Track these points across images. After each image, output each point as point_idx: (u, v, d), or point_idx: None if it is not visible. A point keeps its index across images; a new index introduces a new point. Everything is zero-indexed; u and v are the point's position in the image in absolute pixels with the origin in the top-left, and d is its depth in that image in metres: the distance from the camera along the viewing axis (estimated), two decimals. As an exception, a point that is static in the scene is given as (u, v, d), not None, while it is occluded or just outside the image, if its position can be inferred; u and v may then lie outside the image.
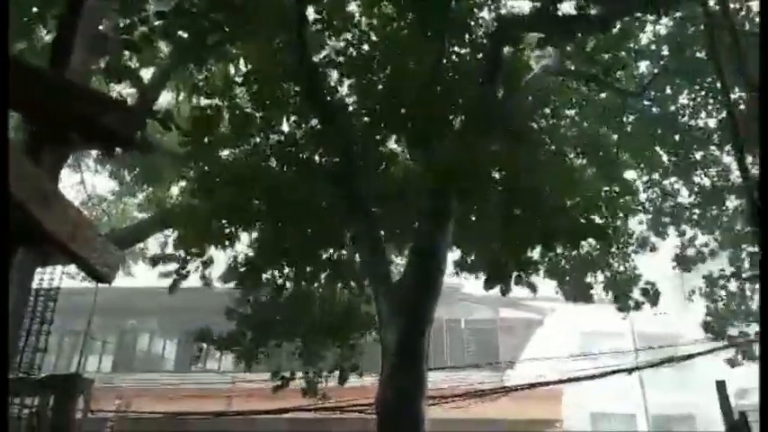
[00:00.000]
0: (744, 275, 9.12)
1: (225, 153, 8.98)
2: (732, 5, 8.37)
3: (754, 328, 9.31)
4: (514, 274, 9.35)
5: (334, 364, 10.06)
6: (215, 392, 15.28)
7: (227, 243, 8.64)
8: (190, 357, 10.12)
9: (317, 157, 8.56)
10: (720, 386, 7.15)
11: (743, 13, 8.28)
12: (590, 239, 9.46)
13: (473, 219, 9.02)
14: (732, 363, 9.90)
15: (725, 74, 5.74)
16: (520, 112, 8.48)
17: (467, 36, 7.98)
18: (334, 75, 8.50)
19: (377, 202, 8.41)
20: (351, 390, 10.40)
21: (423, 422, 6.90)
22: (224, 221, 8.57)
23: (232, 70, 9.58)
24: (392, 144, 8.98)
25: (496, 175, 8.70)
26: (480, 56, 8.35)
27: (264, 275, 9.14)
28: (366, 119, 8.24)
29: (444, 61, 8.04)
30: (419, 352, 7.20)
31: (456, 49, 8.37)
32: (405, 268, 8.81)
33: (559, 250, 9.57)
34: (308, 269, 9.28)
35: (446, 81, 8.02)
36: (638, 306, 10.06)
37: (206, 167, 8.33)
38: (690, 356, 9.81)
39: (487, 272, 9.56)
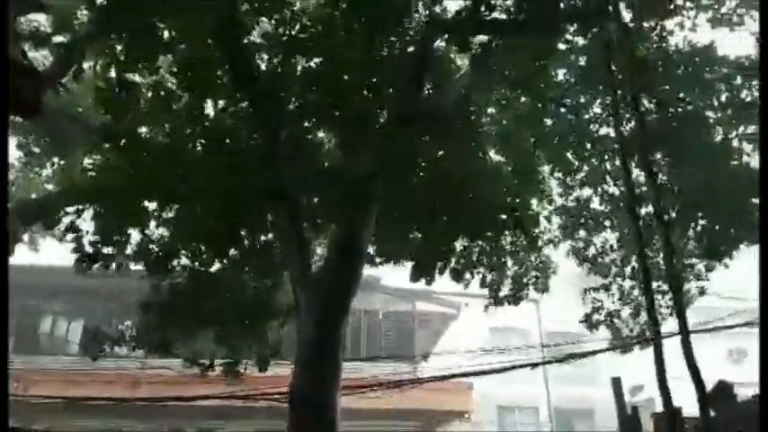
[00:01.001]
0: (634, 276, 9.73)
1: (145, 130, 8.63)
2: (648, 24, 8.93)
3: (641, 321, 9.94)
4: (439, 264, 9.61)
5: (251, 352, 9.93)
6: (122, 377, 14.73)
7: (143, 222, 8.33)
8: (93, 348, 9.68)
9: (242, 141, 8.38)
10: (616, 383, 7.61)
11: (656, 30, 8.83)
12: (508, 234, 9.88)
13: (398, 210, 9.15)
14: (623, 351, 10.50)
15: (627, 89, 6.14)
16: (446, 109, 8.66)
17: (399, 28, 8.02)
18: (265, 57, 8.34)
19: (301, 189, 8.34)
20: (265, 378, 10.31)
21: (336, 412, 6.95)
22: (141, 200, 8.25)
23: (158, 45, 9.18)
24: (320, 133, 8.95)
25: (421, 169, 8.90)
26: (412, 49, 8.44)
27: (178, 259, 8.87)
28: (294, 105, 8.13)
29: (377, 52, 8.08)
30: (335, 342, 7.24)
31: (390, 39, 8.40)
32: (325, 258, 8.82)
33: (481, 243, 9.88)
34: (225, 254, 9.08)
35: (377, 72, 8.06)
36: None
37: (123, 142, 7.96)
38: (589, 354, 10.40)
39: (414, 262, 9.76)
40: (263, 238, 9.30)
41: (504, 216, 9.21)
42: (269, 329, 9.76)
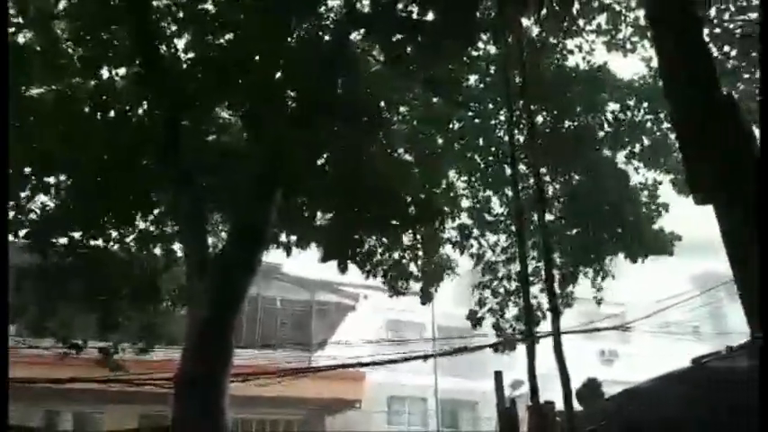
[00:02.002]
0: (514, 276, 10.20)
1: (35, 91, 7.99)
2: (552, 41, 9.44)
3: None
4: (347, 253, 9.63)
5: (136, 335, 9.51)
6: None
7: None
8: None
9: (141, 112, 7.99)
10: (497, 376, 8.03)
11: (558, 48, 9.36)
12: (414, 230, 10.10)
13: (303, 200, 9.09)
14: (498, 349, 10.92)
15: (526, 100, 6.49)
16: (358, 103, 8.70)
17: (314, 14, 7.94)
18: (173, 27, 7.98)
19: (203, 170, 8.08)
20: (151, 363, 9.93)
21: (224, 399, 6.82)
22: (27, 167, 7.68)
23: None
24: (225, 113, 8.70)
25: (330, 160, 8.90)
26: (327, 38, 8.40)
27: (63, 232, 8.33)
28: (200, 81, 7.82)
29: (292, 39, 7.97)
30: (227, 327, 7.09)
31: (304, 26, 8.31)
32: (224, 241, 8.62)
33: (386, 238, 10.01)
34: (115, 231, 8.63)
35: (289, 58, 7.95)
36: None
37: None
38: (476, 348, 10.87)
39: (323, 249, 9.73)
40: (156, 216, 8.92)
41: (409, 211, 9.40)
42: (158, 311, 9.39)
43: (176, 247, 9.21)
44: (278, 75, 7.81)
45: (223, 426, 6.70)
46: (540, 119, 9.83)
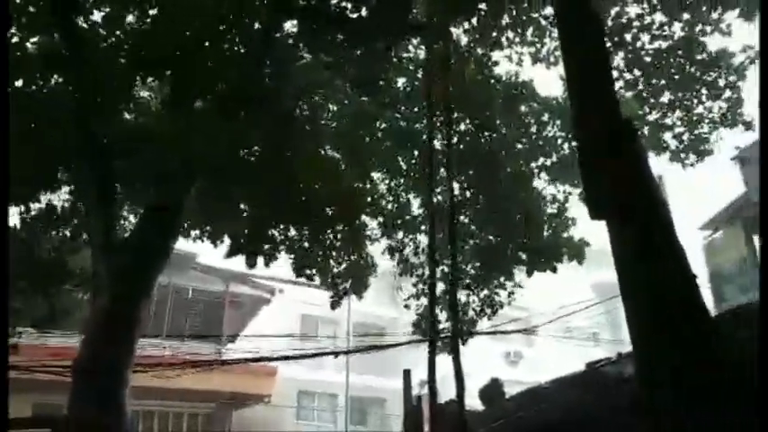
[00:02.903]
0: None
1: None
2: (480, 51, 9.73)
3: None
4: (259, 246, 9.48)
5: (34, 318, 8.99)
6: None
7: None
8: None
9: (53, 82, 7.54)
10: (406, 375, 8.22)
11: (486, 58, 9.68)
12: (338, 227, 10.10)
13: (219, 189, 8.89)
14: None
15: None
16: (285, 96, 8.63)
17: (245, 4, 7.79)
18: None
19: (118, 149, 7.72)
20: (48, 348, 9.41)
21: (125, 389, 6.58)
22: None
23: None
24: (145, 92, 8.38)
25: (252, 151, 8.76)
26: (257, 27, 8.26)
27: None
28: (121, 57, 7.49)
29: (222, 27, 7.77)
30: (132, 315, 6.85)
31: (235, 13, 8.12)
32: (134, 227, 8.30)
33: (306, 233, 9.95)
34: (16, 207, 8.10)
35: (218, 44, 7.76)
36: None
37: None
38: (389, 346, 11.05)
39: (231, 242, 9.55)
40: (64, 196, 8.46)
41: (331, 208, 9.41)
42: (60, 295, 8.91)
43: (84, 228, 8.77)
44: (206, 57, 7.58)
45: (122, 417, 6.47)
46: (462, 127, 10.15)
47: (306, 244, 10.22)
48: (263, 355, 11.30)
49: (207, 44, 7.46)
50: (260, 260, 9.81)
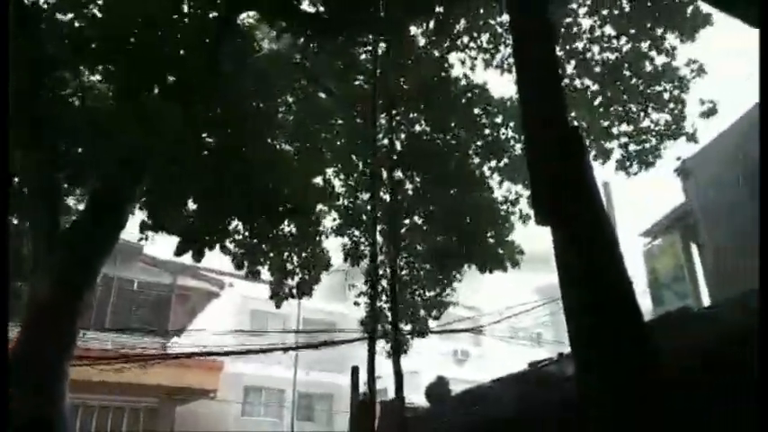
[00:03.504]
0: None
1: None
2: (436, 53, 9.84)
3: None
4: (208, 240, 9.32)
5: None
6: None
7: None
8: None
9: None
10: (354, 371, 8.28)
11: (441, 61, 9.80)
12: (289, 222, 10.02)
13: (172, 179, 8.70)
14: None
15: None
16: (241, 87, 8.52)
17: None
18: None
19: (63, 134, 7.46)
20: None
21: (64, 383, 6.39)
22: None
23: None
24: (96, 77, 8.11)
25: (203, 143, 8.60)
26: (214, 15, 8.13)
27: None
28: (68, 39, 7.22)
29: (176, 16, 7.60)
30: (72, 306, 6.64)
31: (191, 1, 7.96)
32: (79, 215, 8.04)
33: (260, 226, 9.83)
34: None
35: (173, 30, 7.59)
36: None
37: None
38: (339, 343, 11.08)
39: (181, 236, 9.36)
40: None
41: (284, 202, 9.34)
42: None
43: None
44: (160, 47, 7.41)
45: (61, 411, 6.28)
46: (417, 127, 10.25)
47: (256, 240, 10.14)
48: (210, 350, 11.13)
49: (160, 33, 7.29)
50: (210, 253, 9.67)
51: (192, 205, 9.38)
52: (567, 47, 9.70)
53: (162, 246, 11.20)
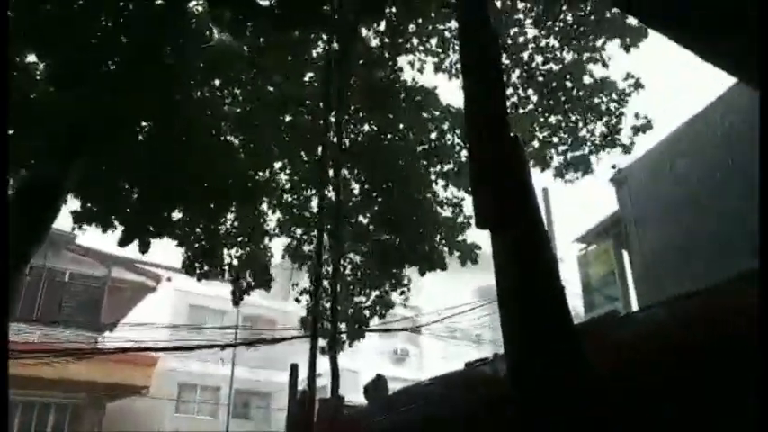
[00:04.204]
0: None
1: None
2: (386, 55, 9.90)
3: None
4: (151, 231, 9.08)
5: None
6: None
7: None
8: None
9: None
10: (293, 369, 8.23)
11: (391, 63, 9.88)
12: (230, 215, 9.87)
13: (109, 167, 8.42)
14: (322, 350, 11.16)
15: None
16: (185, 74, 8.34)
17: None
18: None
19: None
20: None
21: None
22: None
23: None
24: (32, 58, 7.76)
25: (143, 130, 8.37)
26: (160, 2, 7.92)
27: None
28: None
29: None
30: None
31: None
32: (8, 202, 7.67)
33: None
34: None
35: (113, 16, 7.34)
36: (249, 288, 10.64)
37: None
38: (278, 341, 10.99)
39: (124, 226, 9.07)
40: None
41: (227, 195, 9.20)
42: None
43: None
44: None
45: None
46: (366, 127, 10.30)
47: (199, 231, 9.95)
48: (143, 345, 10.84)
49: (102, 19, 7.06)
50: (140, 246, 9.41)
51: (135, 195, 9.12)
52: (513, 56, 9.96)
53: (95, 236, 10.84)
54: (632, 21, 9.37)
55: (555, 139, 10.44)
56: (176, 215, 9.65)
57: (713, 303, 4.33)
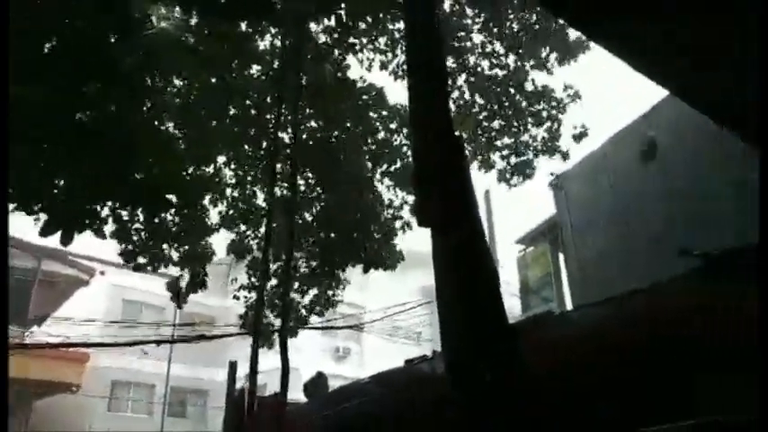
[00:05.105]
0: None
1: None
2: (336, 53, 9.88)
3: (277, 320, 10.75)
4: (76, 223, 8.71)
5: None
6: None
7: None
8: None
9: None
10: (231, 366, 8.12)
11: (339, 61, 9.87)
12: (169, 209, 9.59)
13: (36, 153, 8.04)
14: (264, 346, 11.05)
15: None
16: (125, 61, 8.05)
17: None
18: None
19: None
20: None
21: None
22: None
23: None
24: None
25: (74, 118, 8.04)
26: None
27: None
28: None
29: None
30: None
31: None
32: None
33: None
34: None
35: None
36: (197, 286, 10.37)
37: None
38: (216, 337, 10.80)
39: (48, 216, 8.65)
40: None
41: (165, 191, 8.94)
42: None
43: None
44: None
45: None
46: (313, 123, 10.25)
47: (137, 225, 9.65)
48: (74, 341, 10.44)
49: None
50: (87, 240, 9.05)
51: (62, 183, 8.74)
52: (460, 59, 10.15)
53: (25, 226, 10.33)
54: (574, 34, 9.75)
55: (498, 143, 10.71)
56: (106, 210, 9.31)
57: (645, 304, 4.58)
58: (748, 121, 3.75)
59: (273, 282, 10.67)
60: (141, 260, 9.72)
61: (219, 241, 10.63)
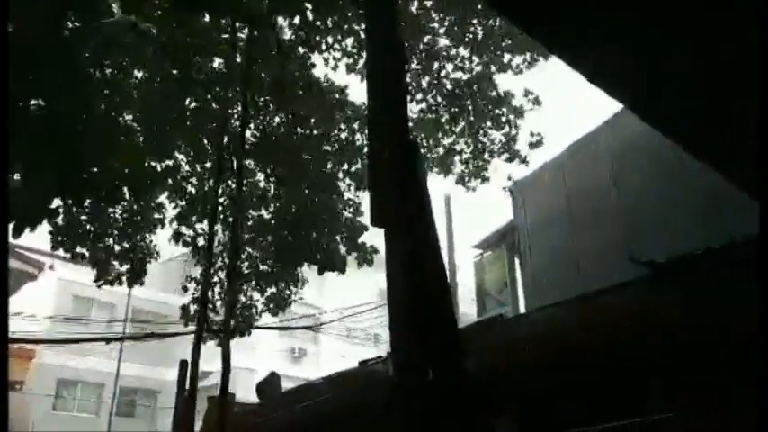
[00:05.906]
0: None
1: None
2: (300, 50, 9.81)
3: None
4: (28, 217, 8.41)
5: None
6: None
7: None
8: None
9: None
10: (182, 365, 7.95)
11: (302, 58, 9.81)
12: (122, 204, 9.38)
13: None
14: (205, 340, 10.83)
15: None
16: (83, 50, 7.82)
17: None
18: None
19: None
20: None
21: None
22: None
23: None
24: None
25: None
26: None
27: None
28: None
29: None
30: None
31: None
32: None
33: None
34: None
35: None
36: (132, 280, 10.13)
37: None
38: (169, 335, 10.57)
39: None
40: None
41: (117, 184, 8.72)
42: None
43: None
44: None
45: None
46: (276, 119, 10.14)
47: (84, 217, 9.39)
48: (18, 337, 10.08)
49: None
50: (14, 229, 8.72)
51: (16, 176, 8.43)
52: (424, 62, 10.21)
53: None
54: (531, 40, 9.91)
55: (458, 147, 10.81)
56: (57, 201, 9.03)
57: (593, 309, 4.70)
58: (699, 136, 3.89)
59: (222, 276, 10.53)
60: (79, 249, 9.48)
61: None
